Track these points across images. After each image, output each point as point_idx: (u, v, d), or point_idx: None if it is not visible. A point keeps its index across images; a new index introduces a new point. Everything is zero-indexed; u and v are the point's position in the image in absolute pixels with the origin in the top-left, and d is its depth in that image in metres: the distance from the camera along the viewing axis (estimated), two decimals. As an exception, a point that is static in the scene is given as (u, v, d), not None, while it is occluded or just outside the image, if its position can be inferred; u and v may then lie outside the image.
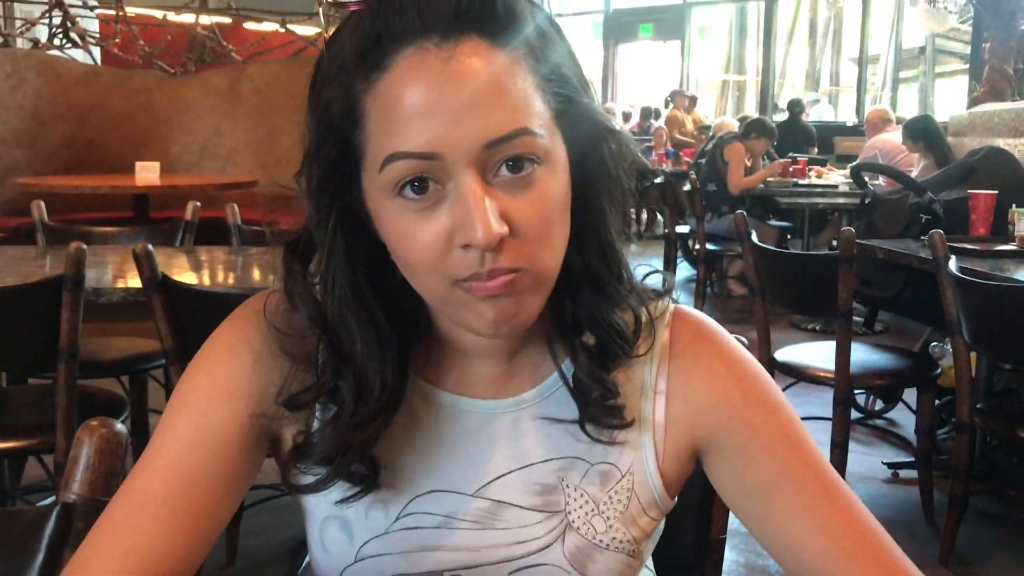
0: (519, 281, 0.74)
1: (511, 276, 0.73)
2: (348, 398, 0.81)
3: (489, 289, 0.73)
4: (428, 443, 0.87)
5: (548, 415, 0.87)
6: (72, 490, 0.90)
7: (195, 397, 0.84)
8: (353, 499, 0.85)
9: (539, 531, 0.86)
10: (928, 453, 3.17)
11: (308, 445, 0.83)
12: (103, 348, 3.03)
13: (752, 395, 0.88)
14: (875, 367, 3.20)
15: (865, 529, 0.85)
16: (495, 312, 0.75)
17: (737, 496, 0.89)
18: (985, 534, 3.07)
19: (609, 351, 0.84)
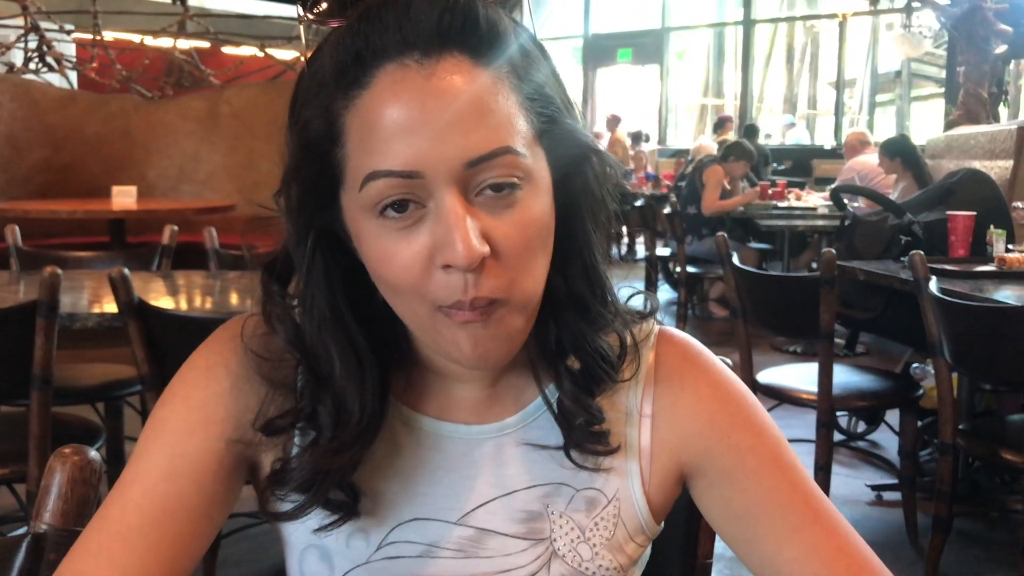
0: (499, 308, 0.73)
1: (488, 306, 0.72)
2: (327, 423, 0.79)
3: (468, 316, 0.72)
4: (409, 470, 0.84)
5: (532, 441, 0.85)
6: (44, 520, 0.88)
7: (171, 424, 0.82)
8: (332, 527, 0.82)
9: (524, 559, 0.84)
10: (911, 475, 3.17)
11: (286, 471, 0.81)
12: (78, 374, 2.98)
13: (739, 418, 0.86)
14: (857, 388, 3.20)
15: (855, 553, 0.83)
16: (474, 345, 0.73)
17: (724, 521, 0.87)
18: (969, 556, 3.06)
19: (594, 376, 0.83)
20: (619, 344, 0.84)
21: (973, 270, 3.15)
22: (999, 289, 2.86)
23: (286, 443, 0.82)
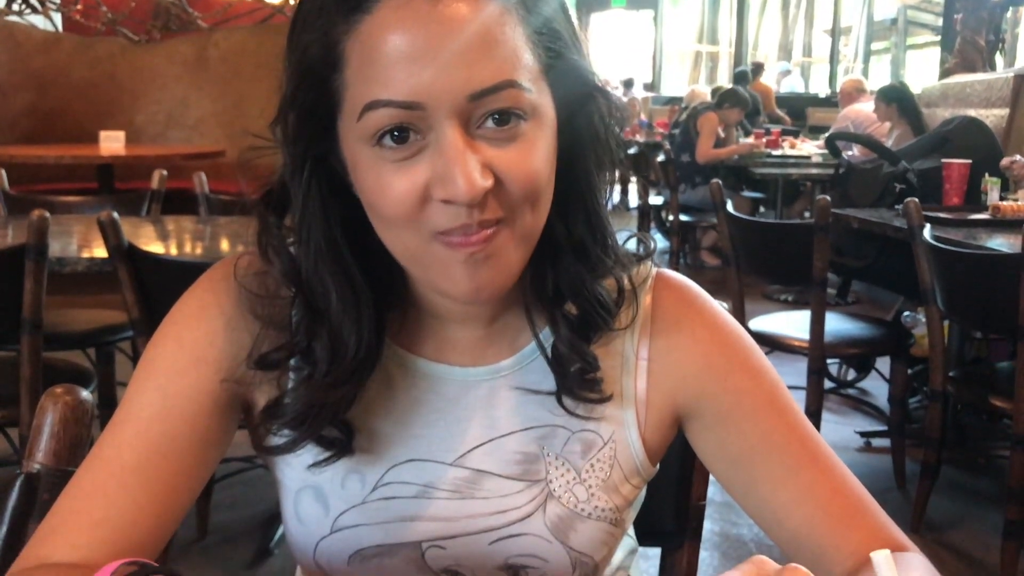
0: (500, 235, 0.71)
1: (492, 231, 0.71)
2: (322, 357, 0.78)
3: (471, 244, 0.70)
4: (404, 411, 0.84)
5: (526, 384, 0.85)
6: (36, 460, 0.87)
7: (163, 364, 0.81)
8: (326, 463, 0.82)
9: (520, 500, 0.84)
10: (901, 422, 3.20)
11: (279, 406, 0.80)
12: (69, 320, 2.97)
13: (735, 361, 0.86)
14: (849, 336, 3.22)
15: (850, 494, 0.84)
16: (470, 277, 0.72)
17: (720, 463, 0.87)
18: (956, 501, 3.10)
19: (591, 322, 0.82)
20: (616, 289, 0.84)
21: (967, 218, 3.14)
22: (992, 237, 2.86)
23: (280, 379, 0.82)
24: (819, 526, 0.82)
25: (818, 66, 14.13)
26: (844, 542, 0.81)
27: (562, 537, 0.84)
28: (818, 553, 0.81)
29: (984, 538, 2.83)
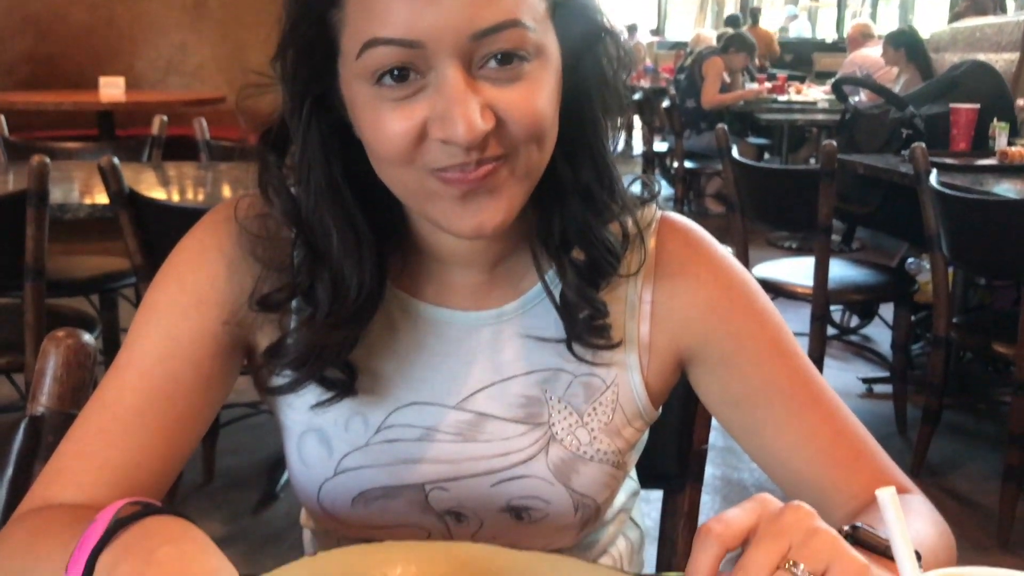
0: (500, 171, 0.70)
1: (491, 167, 0.69)
2: (323, 298, 0.77)
3: (469, 182, 0.69)
4: (407, 354, 0.84)
5: (532, 333, 0.84)
6: (40, 403, 0.87)
7: (164, 307, 0.80)
8: (329, 404, 0.82)
9: (522, 443, 0.84)
10: (903, 368, 3.21)
11: (282, 346, 0.80)
12: (71, 267, 2.97)
13: (739, 303, 0.85)
14: (852, 282, 3.21)
15: (853, 437, 0.84)
16: (471, 213, 0.71)
17: (723, 406, 0.87)
18: (956, 447, 3.12)
19: (599, 268, 0.81)
20: (622, 235, 0.83)
21: (974, 163, 3.12)
22: (999, 183, 2.84)
23: (282, 320, 0.81)
24: (821, 468, 0.82)
25: (825, 10, 13.93)
26: (846, 484, 0.81)
27: (564, 479, 0.85)
28: (820, 495, 0.81)
29: (983, 482, 2.85)
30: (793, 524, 0.59)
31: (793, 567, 0.57)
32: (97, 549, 0.57)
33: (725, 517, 0.60)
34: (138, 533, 0.57)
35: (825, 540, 0.58)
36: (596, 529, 0.94)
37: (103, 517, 0.59)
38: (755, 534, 0.60)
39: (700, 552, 0.59)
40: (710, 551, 0.59)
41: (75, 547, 0.59)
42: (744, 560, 0.59)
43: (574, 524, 0.87)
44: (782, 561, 0.58)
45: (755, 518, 0.61)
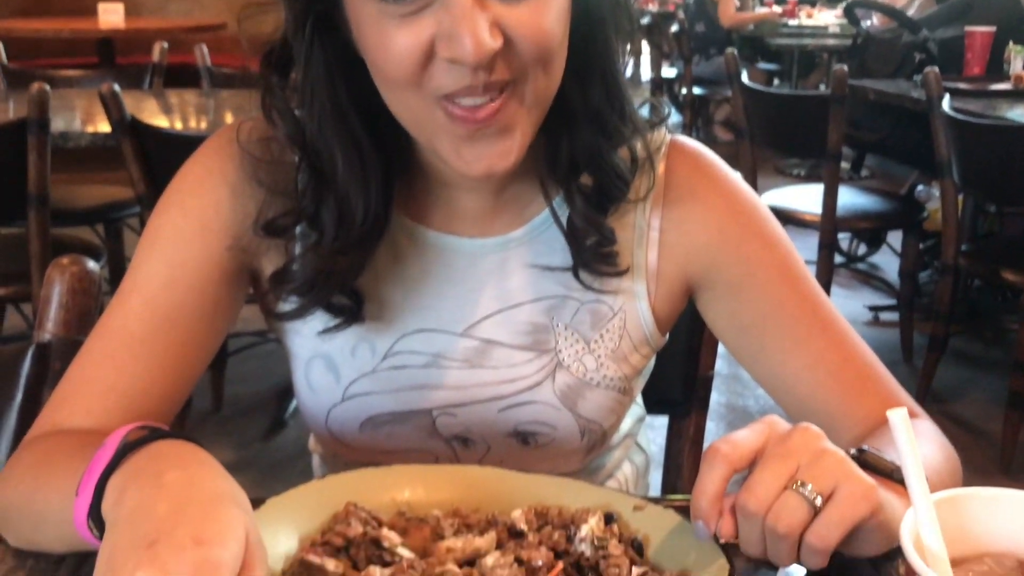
0: (509, 105, 0.68)
1: (500, 102, 0.68)
2: (329, 223, 0.76)
3: (478, 122, 0.68)
4: (414, 281, 0.83)
5: (538, 261, 0.83)
6: (47, 329, 0.87)
7: (168, 233, 0.80)
8: (336, 330, 0.82)
9: (529, 370, 0.84)
10: (910, 296, 3.20)
11: (288, 271, 0.79)
12: (76, 196, 2.96)
13: (749, 228, 0.84)
14: (861, 210, 3.19)
15: (861, 363, 0.83)
16: (479, 155, 0.70)
17: (731, 332, 0.86)
18: (962, 374, 3.13)
19: (607, 194, 0.80)
20: (630, 157, 0.81)
21: (988, 88, 3.07)
22: (1013, 108, 2.79)
23: (287, 246, 0.81)
24: (829, 393, 0.82)
25: (839, -69, 13.59)
26: (853, 409, 0.81)
27: (570, 405, 0.85)
28: (827, 420, 0.81)
29: (988, 409, 2.86)
30: (801, 445, 0.59)
31: (800, 487, 0.57)
32: (106, 473, 0.58)
33: (733, 438, 0.60)
34: (147, 457, 0.58)
35: (833, 461, 0.58)
36: (602, 454, 0.94)
37: (111, 442, 0.59)
38: (762, 455, 0.60)
39: (707, 472, 0.59)
40: (717, 471, 0.59)
41: (84, 471, 0.59)
42: (751, 480, 0.59)
43: (580, 449, 0.88)
44: (789, 481, 0.58)
45: (763, 440, 0.61)
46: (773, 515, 0.57)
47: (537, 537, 0.66)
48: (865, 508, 0.58)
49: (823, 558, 0.59)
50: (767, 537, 0.59)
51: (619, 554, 0.63)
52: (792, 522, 0.57)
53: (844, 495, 0.58)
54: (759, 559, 0.61)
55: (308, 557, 0.61)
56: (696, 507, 0.60)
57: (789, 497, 0.58)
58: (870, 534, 0.60)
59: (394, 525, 0.66)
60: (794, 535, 0.57)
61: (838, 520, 0.57)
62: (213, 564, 0.48)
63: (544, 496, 0.70)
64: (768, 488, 0.58)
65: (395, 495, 0.70)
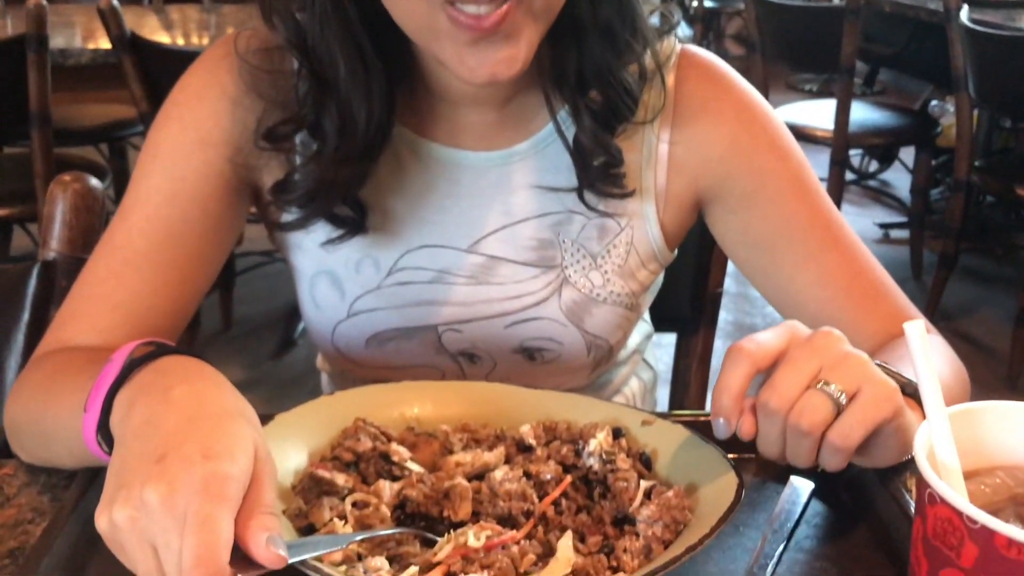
0: (516, 12, 0.66)
1: (505, 8, 0.65)
2: (331, 132, 0.75)
3: (483, 30, 0.65)
4: (417, 195, 0.82)
5: (543, 177, 0.82)
6: (51, 247, 0.87)
7: (167, 147, 0.78)
8: (339, 241, 0.81)
9: (535, 286, 0.83)
10: (921, 212, 3.18)
11: (289, 181, 0.78)
12: (78, 115, 2.92)
13: (762, 140, 0.82)
14: (874, 125, 3.14)
15: (872, 279, 0.82)
16: (482, 60, 0.67)
17: (741, 248, 0.85)
18: (971, 291, 3.12)
19: (616, 112, 0.77)
20: (639, 71, 0.79)
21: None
22: (1033, 19, 2.73)
23: (288, 157, 0.79)
24: (839, 309, 0.81)
25: None
26: (864, 324, 0.80)
27: (576, 321, 0.84)
28: None
29: (996, 327, 2.86)
30: (824, 347, 0.58)
31: (825, 386, 0.57)
32: (113, 388, 0.57)
33: (756, 338, 0.59)
34: (153, 372, 0.57)
35: (856, 362, 0.58)
36: (609, 370, 0.94)
37: (118, 357, 0.59)
38: (785, 356, 0.59)
39: (730, 369, 0.58)
40: (741, 368, 0.58)
41: (92, 387, 0.59)
42: (774, 378, 0.58)
43: (586, 365, 0.88)
44: (812, 381, 0.57)
45: (785, 342, 0.60)
46: (796, 412, 0.57)
47: (545, 452, 0.66)
48: (888, 409, 0.57)
49: (843, 459, 0.58)
50: (788, 436, 0.58)
51: (627, 468, 0.63)
52: (816, 419, 0.56)
53: (867, 395, 0.57)
54: (774, 463, 0.61)
55: (317, 472, 0.61)
56: (717, 404, 0.59)
57: (813, 395, 0.57)
58: (887, 439, 0.59)
59: (403, 440, 0.67)
60: (817, 433, 0.57)
61: (861, 419, 0.56)
62: (221, 478, 0.48)
63: (552, 411, 0.70)
64: (791, 386, 0.57)
65: (404, 411, 0.70)
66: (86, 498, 0.62)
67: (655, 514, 0.58)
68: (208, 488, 0.47)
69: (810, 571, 0.60)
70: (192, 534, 0.46)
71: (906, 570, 0.59)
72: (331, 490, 0.60)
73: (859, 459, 0.61)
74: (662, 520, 0.58)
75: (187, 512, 0.47)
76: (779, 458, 0.60)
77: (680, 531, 0.58)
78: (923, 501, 0.41)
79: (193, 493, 0.47)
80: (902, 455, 0.63)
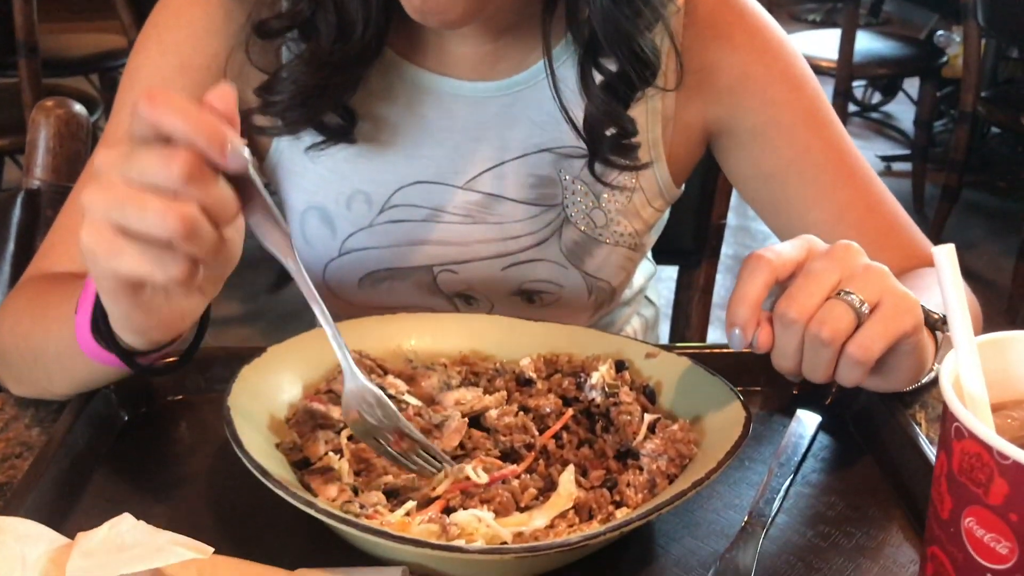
0: None
1: None
2: (326, 32, 0.70)
3: None
4: (409, 128, 0.78)
5: (543, 117, 0.77)
6: (35, 175, 0.84)
7: (147, 73, 0.75)
8: (324, 145, 0.76)
9: (534, 225, 0.80)
10: (924, 145, 3.15)
11: (278, 80, 0.73)
12: (68, 45, 2.86)
13: (775, 69, 0.79)
14: (878, 55, 3.09)
15: (886, 214, 0.80)
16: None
17: (752, 181, 0.82)
18: (973, 225, 3.10)
19: (628, 81, 0.73)
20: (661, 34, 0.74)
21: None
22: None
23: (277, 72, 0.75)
24: None
25: None
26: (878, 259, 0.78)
27: (578, 262, 0.82)
28: None
29: (998, 261, 2.84)
30: (844, 258, 0.56)
31: (846, 295, 0.55)
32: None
33: (774, 247, 0.57)
34: None
35: (877, 274, 0.56)
36: (611, 311, 0.92)
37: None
38: (804, 267, 0.57)
39: (748, 277, 0.55)
40: (759, 277, 0.55)
41: (80, 293, 0.56)
42: (792, 288, 0.56)
43: (588, 307, 0.85)
44: (832, 291, 0.55)
45: (804, 253, 0.57)
46: (817, 321, 0.54)
47: (546, 385, 0.65)
48: (909, 322, 0.55)
49: (862, 373, 0.56)
50: (807, 347, 0.55)
51: (630, 401, 0.62)
52: (838, 328, 0.54)
53: (889, 307, 0.55)
54: (789, 378, 0.58)
55: (312, 405, 0.60)
56: (733, 314, 0.56)
57: (834, 304, 0.54)
58: (903, 358, 0.57)
59: (401, 373, 0.65)
60: (838, 342, 0.54)
61: (882, 331, 0.54)
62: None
63: (554, 344, 0.68)
64: (811, 295, 0.54)
65: (401, 343, 0.69)
66: (74, 431, 0.60)
67: (659, 448, 0.57)
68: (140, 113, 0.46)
69: (817, 505, 0.59)
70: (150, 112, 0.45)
71: (916, 504, 0.58)
72: (326, 423, 0.59)
73: (872, 380, 0.58)
74: (667, 454, 0.56)
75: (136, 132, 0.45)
76: (794, 372, 0.57)
77: (685, 465, 0.56)
78: (948, 435, 0.39)
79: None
80: (915, 377, 0.61)
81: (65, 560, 0.44)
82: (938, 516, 0.41)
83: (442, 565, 0.49)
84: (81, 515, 0.57)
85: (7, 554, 0.44)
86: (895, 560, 0.55)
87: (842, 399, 0.69)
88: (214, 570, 0.47)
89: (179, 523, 0.49)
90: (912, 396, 0.70)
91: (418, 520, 0.51)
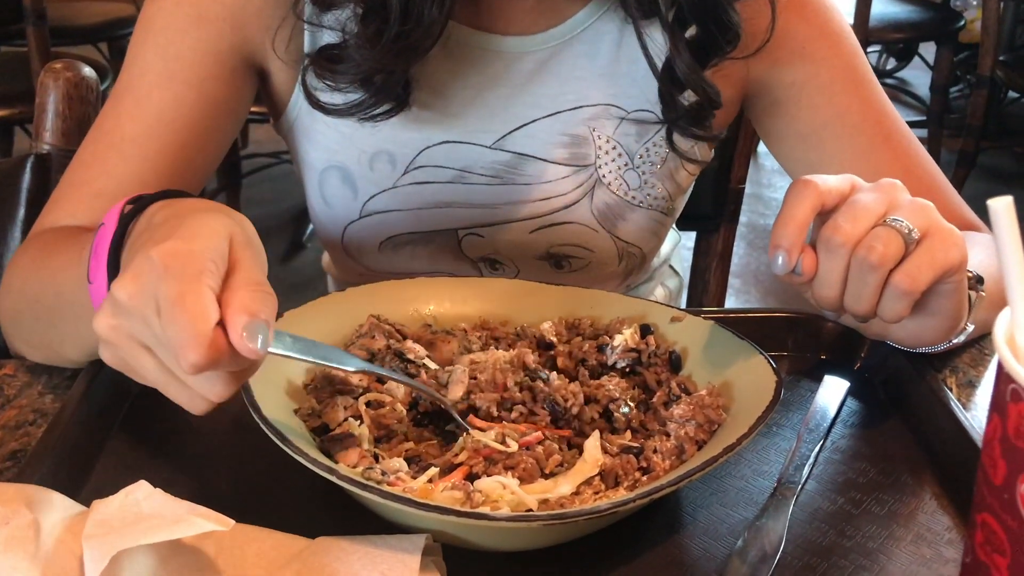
0: None
1: None
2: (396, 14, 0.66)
3: None
4: (437, 84, 0.75)
5: (578, 73, 0.75)
6: (44, 140, 0.83)
7: (160, 24, 0.72)
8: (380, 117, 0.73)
9: (565, 186, 0.78)
10: (940, 110, 3.10)
11: (342, 50, 0.69)
12: (77, 13, 2.83)
13: (814, 24, 0.76)
14: (895, 19, 3.03)
15: (923, 175, 0.78)
16: None
17: (787, 142, 0.80)
18: (991, 191, 3.04)
19: (711, 45, 0.71)
20: None
21: None
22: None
23: (312, 31, 0.72)
24: None
25: None
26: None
27: (609, 226, 0.80)
28: None
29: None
30: (890, 190, 0.54)
31: (895, 220, 0.53)
32: (114, 248, 0.53)
33: (820, 176, 0.55)
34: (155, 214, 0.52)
35: (923, 207, 0.54)
36: (640, 280, 0.90)
37: (109, 220, 0.54)
38: (849, 199, 0.55)
39: (795, 200, 0.53)
40: (807, 200, 0.53)
41: (90, 257, 0.55)
42: (838, 214, 0.53)
43: (617, 274, 0.83)
44: (879, 219, 0.53)
45: (849, 185, 0.55)
46: (865, 246, 0.52)
47: (567, 348, 0.63)
48: (956, 255, 0.53)
49: (906, 306, 0.53)
50: (852, 273, 0.53)
51: (657, 366, 0.60)
52: (887, 252, 0.52)
53: (937, 238, 0.53)
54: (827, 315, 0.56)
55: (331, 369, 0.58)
56: (779, 235, 0.53)
57: (883, 229, 0.52)
58: (945, 300, 0.56)
59: (419, 338, 0.63)
60: (886, 268, 0.52)
61: (929, 261, 0.52)
62: (178, 254, 0.44)
63: (576, 308, 0.67)
64: (858, 220, 0.52)
65: (419, 307, 0.67)
66: (88, 398, 0.59)
67: (687, 413, 0.55)
68: (168, 269, 0.43)
69: (847, 471, 0.58)
70: (168, 316, 0.42)
71: (950, 470, 0.57)
72: (345, 389, 0.58)
73: (909, 324, 0.57)
74: (695, 419, 0.55)
75: (157, 298, 0.43)
76: (835, 302, 0.55)
77: (714, 431, 0.55)
78: (1003, 397, 0.37)
79: (157, 279, 0.43)
80: (952, 327, 0.59)
81: (81, 528, 0.43)
82: (990, 482, 0.39)
83: (467, 533, 0.48)
84: (96, 482, 0.56)
85: (21, 522, 0.43)
86: (929, 528, 0.53)
87: (871, 364, 0.67)
88: (232, 539, 0.46)
89: (195, 491, 0.48)
90: (941, 361, 0.69)
91: (441, 487, 0.50)
